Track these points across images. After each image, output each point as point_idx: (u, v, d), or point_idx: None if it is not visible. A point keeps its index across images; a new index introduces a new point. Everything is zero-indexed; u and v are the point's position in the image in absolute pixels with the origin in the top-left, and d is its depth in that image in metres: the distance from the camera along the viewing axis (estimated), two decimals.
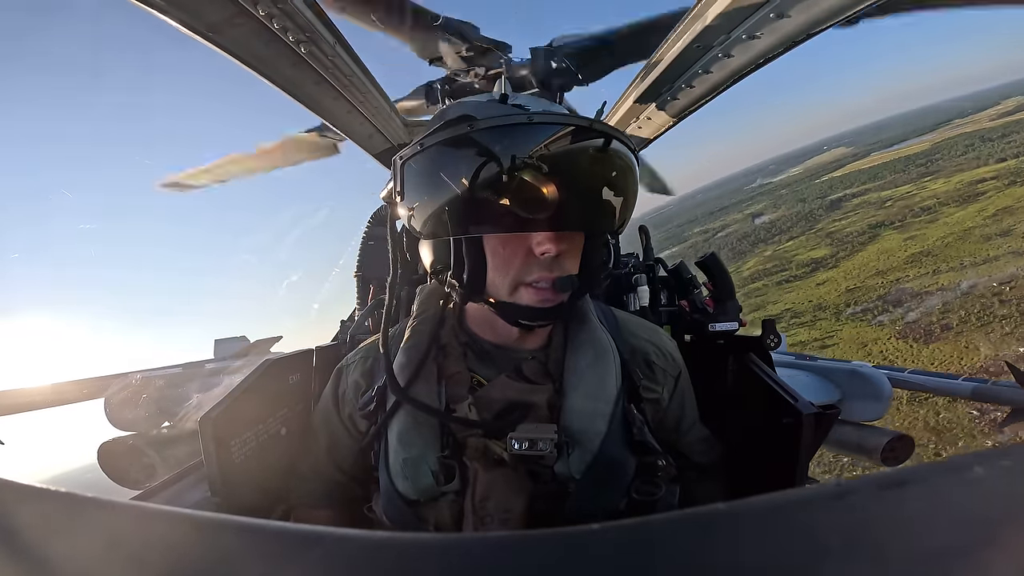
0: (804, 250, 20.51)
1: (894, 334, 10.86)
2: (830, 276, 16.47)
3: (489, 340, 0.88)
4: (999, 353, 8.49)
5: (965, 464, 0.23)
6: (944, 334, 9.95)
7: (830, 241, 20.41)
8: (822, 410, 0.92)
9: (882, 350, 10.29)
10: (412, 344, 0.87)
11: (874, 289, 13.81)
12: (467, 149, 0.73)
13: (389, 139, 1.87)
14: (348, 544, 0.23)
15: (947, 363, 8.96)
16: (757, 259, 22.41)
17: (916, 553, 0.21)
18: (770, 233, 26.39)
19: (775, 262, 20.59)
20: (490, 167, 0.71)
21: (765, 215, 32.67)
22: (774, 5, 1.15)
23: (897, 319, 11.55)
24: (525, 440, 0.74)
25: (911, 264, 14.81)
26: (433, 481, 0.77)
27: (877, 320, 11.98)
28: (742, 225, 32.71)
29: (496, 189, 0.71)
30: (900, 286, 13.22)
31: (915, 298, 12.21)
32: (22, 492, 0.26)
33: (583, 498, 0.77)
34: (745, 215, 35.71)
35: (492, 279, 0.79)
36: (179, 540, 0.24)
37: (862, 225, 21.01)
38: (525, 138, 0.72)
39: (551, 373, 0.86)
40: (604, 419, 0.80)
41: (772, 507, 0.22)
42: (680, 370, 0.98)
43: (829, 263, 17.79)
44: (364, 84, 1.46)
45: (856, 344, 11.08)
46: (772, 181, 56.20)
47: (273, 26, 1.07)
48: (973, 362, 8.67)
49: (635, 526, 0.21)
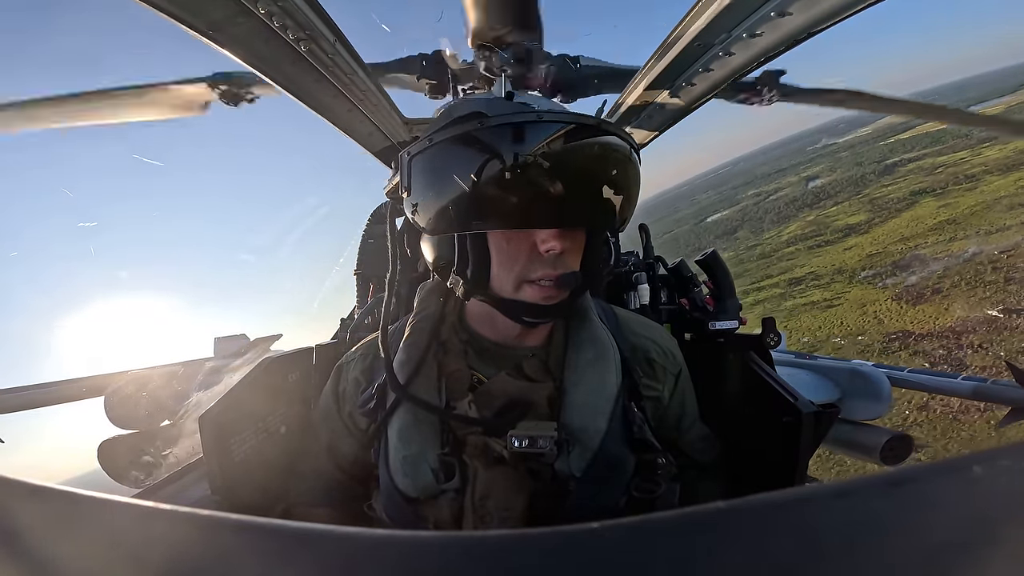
0: (844, 216, 20.41)
1: (892, 296, 11.40)
2: (858, 242, 16.56)
3: (489, 337, 0.88)
4: (970, 315, 9.19)
5: (964, 463, 0.23)
6: (932, 297, 10.57)
7: (871, 207, 20.32)
8: (822, 409, 0.92)
9: (876, 310, 10.99)
10: (412, 341, 0.87)
11: (892, 255, 14.09)
12: (477, 145, 0.73)
13: (389, 136, 1.87)
14: (348, 542, 0.23)
15: (922, 322, 9.74)
16: (799, 224, 22.29)
17: (916, 552, 0.21)
18: (818, 198, 25.85)
19: (814, 227, 20.55)
20: (499, 163, 0.72)
21: (820, 178, 31.33)
22: (775, 4, 1.15)
23: (899, 283, 12.04)
24: (525, 438, 0.75)
25: (934, 231, 14.90)
26: (433, 479, 0.77)
27: (883, 284, 12.43)
28: (795, 188, 31.57)
29: (504, 185, 0.72)
30: (916, 252, 13.50)
31: (922, 264, 12.59)
32: (22, 490, 0.26)
33: (583, 496, 0.77)
34: (800, 178, 34.29)
35: (496, 275, 0.79)
36: (179, 538, 0.24)
37: (905, 191, 20.74)
38: (534, 135, 0.73)
39: (551, 371, 0.86)
40: (604, 417, 0.81)
41: (772, 506, 0.22)
42: (680, 368, 0.98)
43: (862, 229, 17.84)
44: (364, 82, 1.46)
45: (857, 304, 11.67)
46: (837, 142, 53.20)
47: (273, 24, 1.07)
48: (943, 323, 9.39)
49: (635, 525, 0.21)
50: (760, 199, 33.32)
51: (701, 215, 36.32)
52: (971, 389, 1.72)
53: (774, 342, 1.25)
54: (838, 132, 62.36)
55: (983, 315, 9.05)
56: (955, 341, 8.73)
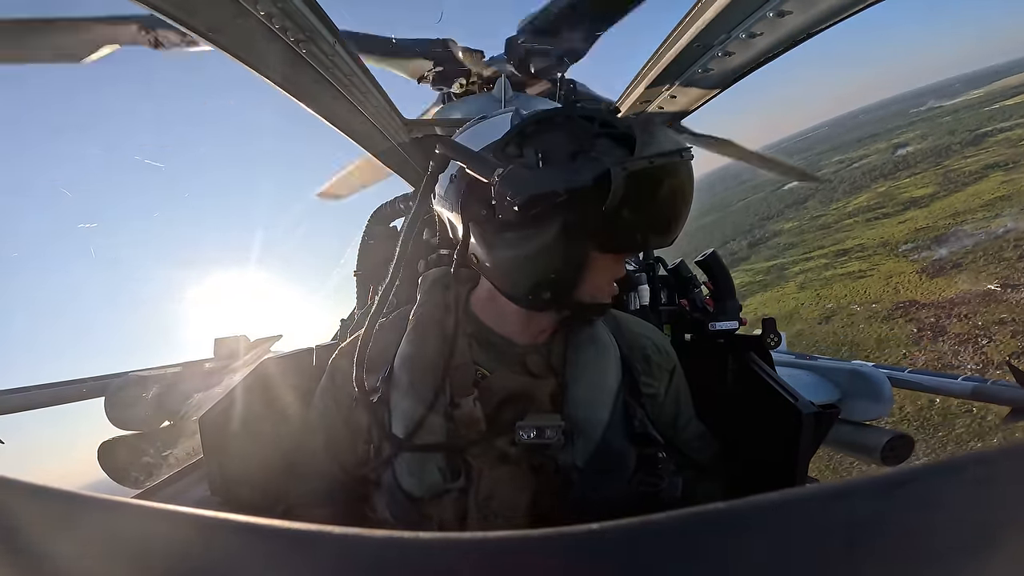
0: (914, 188, 19.82)
1: (917, 270, 11.62)
2: (915, 215, 16.38)
3: (495, 330, 0.88)
4: (971, 288, 9.50)
5: (964, 464, 0.23)
6: (949, 271, 10.78)
7: (942, 180, 19.54)
8: (822, 409, 0.92)
9: (899, 282, 11.31)
10: (418, 334, 0.87)
11: (938, 229, 14.00)
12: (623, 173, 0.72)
13: (389, 138, 1.87)
14: (349, 543, 0.23)
15: (930, 294, 10.03)
16: (868, 195, 21.68)
17: (916, 552, 0.21)
18: (897, 168, 24.75)
19: (881, 199, 20.10)
20: (637, 195, 0.73)
21: (909, 146, 29.05)
22: (775, 4, 1.15)
23: (928, 257, 12.22)
24: (533, 428, 0.76)
25: (985, 207, 14.66)
26: (440, 478, 0.77)
27: (915, 257, 12.63)
28: (880, 156, 29.55)
29: (635, 211, 0.74)
30: (959, 228, 13.42)
31: (958, 239, 12.66)
32: (22, 491, 0.26)
33: (586, 488, 0.78)
34: (890, 144, 31.82)
35: (587, 288, 0.81)
36: (179, 538, 0.24)
37: (980, 165, 19.81)
38: (671, 171, 0.76)
39: (553, 367, 0.87)
40: (606, 409, 0.82)
41: (772, 506, 0.22)
42: (675, 365, 0.99)
43: (923, 203, 17.51)
44: (363, 83, 1.46)
45: (885, 276, 11.98)
46: (943, 105, 48.19)
47: (273, 26, 1.07)
48: (947, 294, 9.68)
49: (636, 526, 0.21)
50: (843, 167, 31.24)
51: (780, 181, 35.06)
52: (971, 389, 1.72)
53: (774, 342, 1.25)
54: (948, 94, 56.64)
55: (982, 289, 9.37)
56: (947, 311, 9.03)
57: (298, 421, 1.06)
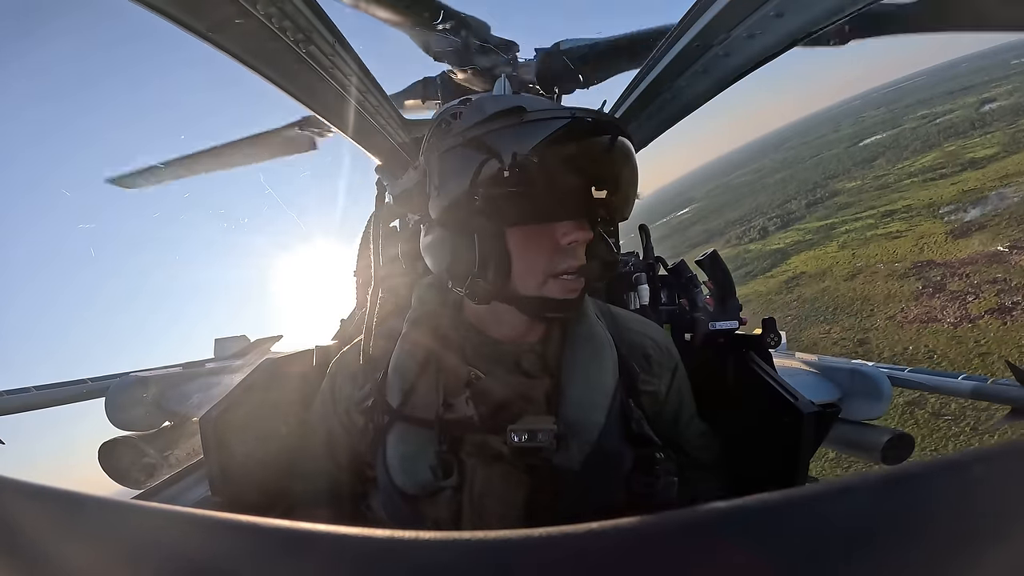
0: (980, 148, 18.50)
1: (946, 231, 11.52)
2: (968, 177, 15.62)
3: (488, 333, 0.88)
4: (983, 250, 9.46)
5: (964, 462, 0.23)
6: (975, 233, 10.72)
7: (1010, 141, 18.25)
8: (822, 409, 0.92)
9: (927, 242, 11.28)
10: (412, 340, 0.87)
11: (983, 191, 13.55)
12: (518, 140, 0.73)
13: (388, 137, 1.87)
14: (349, 543, 0.23)
15: (949, 254, 9.99)
16: (936, 155, 20.23)
17: (916, 551, 0.21)
18: (973, 126, 22.50)
19: (946, 159, 18.98)
20: (539, 157, 0.73)
21: (997, 101, 26.23)
22: (775, 4, 1.15)
23: (959, 219, 12.06)
24: (524, 432, 0.74)
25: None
26: (431, 476, 0.77)
27: (950, 219, 12.42)
28: (966, 111, 26.56)
29: (538, 180, 0.73)
30: (1001, 191, 13.06)
31: (993, 202, 12.45)
32: (22, 491, 0.26)
33: (581, 490, 0.78)
34: (978, 99, 28.57)
35: (520, 274, 0.79)
36: (180, 539, 0.24)
37: None
38: (568, 133, 0.75)
39: (548, 367, 0.86)
40: (602, 411, 0.81)
41: (772, 506, 0.22)
42: (676, 362, 0.98)
43: (982, 164, 16.61)
44: (363, 83, 1.46)
45: (917, 236, 11.93)
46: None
47: (272, 25, 1.07)
48: (961, 255, 9.64)
49: (635, 525, 0.21)
50: (924, 122, 28.52)
51: (858, 137, 30.33)
52: (971, 389, 1.72)
53: (774, 342, 1.25)
54: None
55: (991, 250, 9.33)
56: (954, 270, 9.02)
57: (298, 422, 1.06)
